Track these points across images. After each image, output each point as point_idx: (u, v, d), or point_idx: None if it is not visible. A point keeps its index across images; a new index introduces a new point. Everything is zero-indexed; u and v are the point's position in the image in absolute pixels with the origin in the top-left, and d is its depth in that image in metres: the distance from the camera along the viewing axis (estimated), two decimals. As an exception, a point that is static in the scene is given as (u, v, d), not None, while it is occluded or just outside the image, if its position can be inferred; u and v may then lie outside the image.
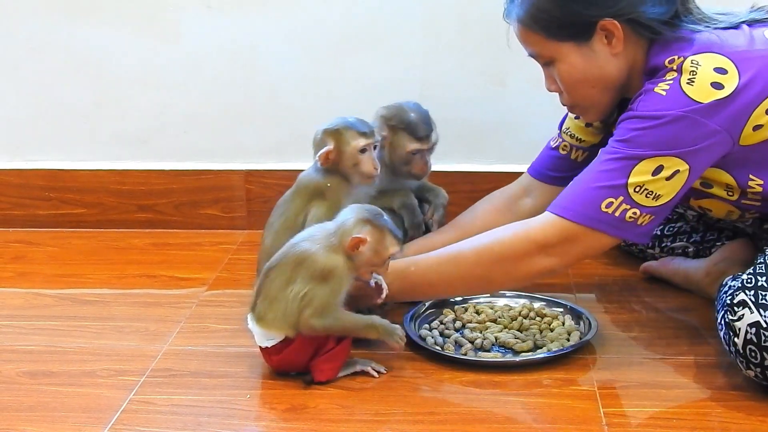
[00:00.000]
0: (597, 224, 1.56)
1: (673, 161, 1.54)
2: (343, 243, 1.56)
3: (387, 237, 1.57)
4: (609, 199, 1.55)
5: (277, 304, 1.56)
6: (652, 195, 1.55)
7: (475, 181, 2.30)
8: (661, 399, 1.55)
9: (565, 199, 1.60)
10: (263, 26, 2.33)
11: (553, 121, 2.29)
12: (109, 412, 1.53)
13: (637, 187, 1.54)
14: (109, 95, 2.39)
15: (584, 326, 1.77)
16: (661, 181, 1.55)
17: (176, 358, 1.72)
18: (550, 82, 1.71)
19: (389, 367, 1.65)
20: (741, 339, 1.49)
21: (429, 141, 1.90)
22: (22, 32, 2.37)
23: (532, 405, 1.54)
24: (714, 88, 1.53)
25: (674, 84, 1.55)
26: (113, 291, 2.06)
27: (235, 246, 2.31)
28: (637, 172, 1.54)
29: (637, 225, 1.57)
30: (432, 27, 2.30)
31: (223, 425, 1.50)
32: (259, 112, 2.38)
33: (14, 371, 1.68)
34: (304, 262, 1.56)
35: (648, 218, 1.57)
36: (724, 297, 1.55)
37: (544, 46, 1.65)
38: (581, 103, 1.71)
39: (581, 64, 1.63)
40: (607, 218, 1.56)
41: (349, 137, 1.78)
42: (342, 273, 1.56)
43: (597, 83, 1.65)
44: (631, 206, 1.55)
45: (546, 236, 1.59)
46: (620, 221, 1.56)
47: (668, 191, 1.56)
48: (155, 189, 2.42)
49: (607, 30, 1.60)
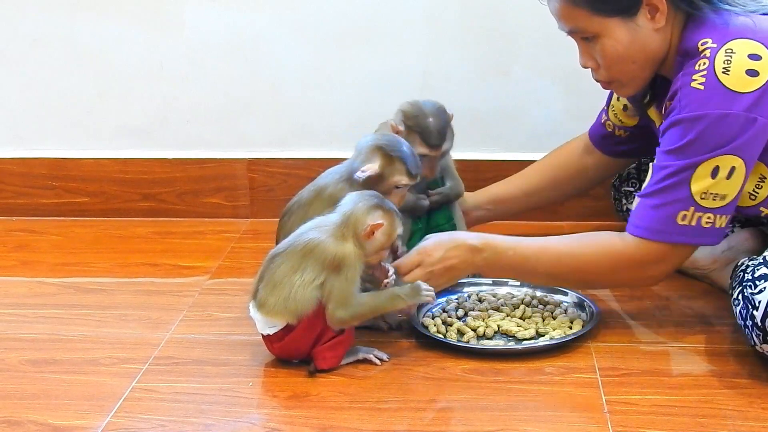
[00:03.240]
0: (680, 238, 1.60)
1: (727, 159, 1.55)
2: (358, 231, 1.56)
3: (395, 219, 1.59)
4: (682, 213, 1.58)
5: (280, 289, 1.56)
6: (718, 197, 1.57)
7: (479, 170, 2.30)
8: (663, 387, 1.55)
9: (641, 220, 1.62)
10: (266, 17, 2.33)
11: (556, 109, 2.30)
12: (112, 400, 1.53)
13: (702, 195, 1.56)
14: (113, 85, 2.39)
15: (587, 314, 1.77)
16: (722, 182, 1.56)
17: (179, 346, 1.72)
18: (587, 58, 1.69)
19: (392, 355, 1.65)
20: (761, 312, 1.49)
21: (438, 150, 1.91)
22: (25, 23, 2.37)
23: (534, 393, 1.54)
24: (750, 75, 1.53)
25: (709, 75, 1.55)
26: (116, 279, 2.07)
27: (238, 235, 2.31)
28: (697, 178, 1.56)
29: (715, 227, 1.59)
30: (434, 17, 2.30)
31: (226, 413, 1.50)
32: (262, 101, 2.38)
33: (17, 359, 1.69)
34: (314, 251, 1.56)
35: (723, 219, 1.59)
36: (741, 274, 1.57)
37: (589, 21, 1.62)
38: (619, 78, 1.69)
39: (626, 39, 1.62)
40: (686, 230, 1.59)
41: (398, 170, 1.71)
42: (353, 260, 1.56)
43: (638, 58, 1.64)
44: (703, 213, 1.58)
45: (637, 257, 1.62)
46: (699, 229, 1.59)
47: (731, 189, 1.57)
48: (158, 178, 2.42)
49: (652, 4, 1.60)
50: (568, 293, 1.84)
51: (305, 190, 1.78)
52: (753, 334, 1.52)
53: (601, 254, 1.66)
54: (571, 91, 2.27)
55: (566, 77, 2.26)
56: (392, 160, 1.70)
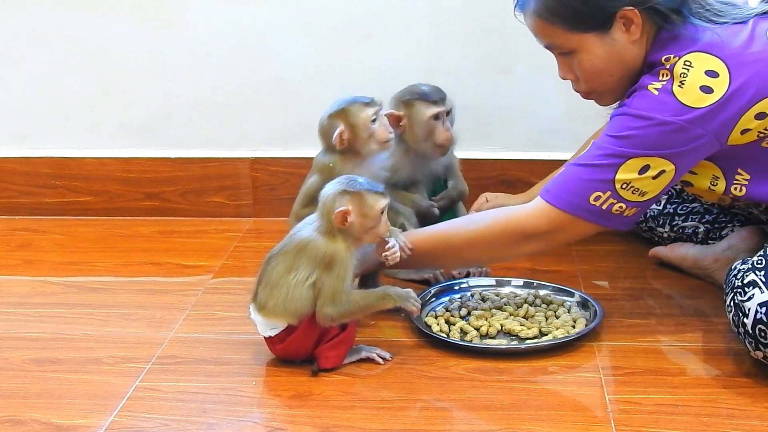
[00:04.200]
0: (585, 214, 1.62)
1: (660, 162, 1.57)
2: (331, 221, 1.56)
3: (367, 197, 1.57)
4: (597, 193, 1.60)
5: (278, 290, 1.57)
6: (638, 192, 1.59)
7: (481, 169, 2.30)
8: (666, 386, 1.55)
9: (556, 188, 1.65)
10: (269, 14, 2.33)
11: (558, 108, 2.29)
12: (115, 399, 1.53)
13: (624, 184, 1.59)
14: (116, 83, 2.39)
15: (590, 313, 1.77)
16: (647, 180, 1.58)
17: (182, 345, 1.72)
18: (565, 71, 1.71)
19: (395, 354, 1.65)
20: (750, 319, 1.49)
21: (445, 104, 1.92)
22: (28, 21, 2.37)
23: (537, 392, 1.54)
24: (703, 92, 1.54)
25: (666, 85, 1.57)
26: (119, 278, 2.07)
27: (241, 234, 2.31)
28: (625, 169, 1.58)
29: (623, 216, 1.62)
30: (437, 14, 2.30)
31: (229, 412, 1.50)
32: (265, 99, 2.38)
33: (21, 358, 1.69)
34: (305, 249, 1.57)
35: (633, 210, 1.62)
36: (733, 280, 1.56)
37: (566, 38, 1.64)
38: (598, 89, 1.71)
39: (603, 54, 1.63)
40: (594, 209, 1.61)
41: (357, 111, 1.79)
42: (344, 257, 1.56)
43: (615, 71, 1.65)
44: (617, 201, 1.60)
45: (536, 225, 1.65)
46: (607, 213, 1.61)
47: (653, 189, 1.60)
48: (161, 177, 2.42)
49: (627, 18, 1.60)
50: (574, 293, 1.84)
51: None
52: (745, 341, 1.52)
53: (496, 230, 1.69)
54: (572, 90, 2.26)
55: (569, 76, 2.25)
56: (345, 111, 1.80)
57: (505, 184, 2.33)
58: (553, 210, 1.63)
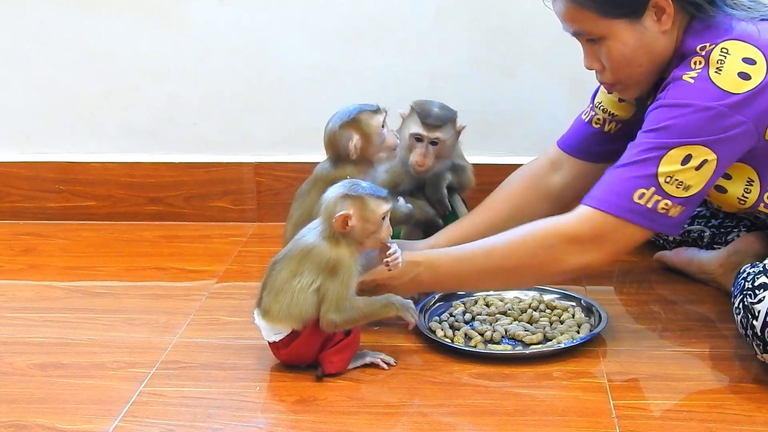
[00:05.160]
0: (630, 215, 1.55)
1: (701, 150, 1.53)
2: (333, 225, 1.56)
3: (369, 201, 1.57)
4: (641, 190, 1.54)
5: (283, 295, 1.56)
6: (682, 185, 1.54)
7: (485, 173, 2.28)
8: (672, 391, 1.55)
9: (597, 191, 1.59)
10: (273, 18, 2.33)
11: (563, 111, 2.28)
12: (120, 404, 1.53)
13: (667, 178, 1.54)
14: (119, 87, 2.39)
15: (595, 319, 1.76)
16: (691, 171, 1.54)
17: (186, 350, 1.72)
18: (592, 60, 1.67)
19: (399, 360, 1.65)
20: (760, 321, 1.48)
21: (432, 131, 1.90)
22: (31, 24, 2.37)
23: (542, 397, 1.54)
24: (741, 78, 1.53)
25: (702, 73, 1.55)
26: (123, 283, 2.07)
27: (245, 238, 2.31)
28: (667, 161, 1.54)
29: (669, 216, 1.56)
30: (442, 18, 2.29)
31: (233, 417, 1.50)
32: (269, 104, 2.38)
33: (25, 363, 1.69)
34: (309, 254, 1.56)
35: (679, 209, 1.56)
36: (742, 282, 1.55)
37: (596, 23, 1.61)
38: (625, 80, 1.68)
39: (633, 42, 1.61)
40: (639, 209, 1.55)
41: (368, 119, 1.77)
42: (349, 263, 1.56)
43: (645, 61, 1.63)
44: (662, 197, 1.54)
45: (578, 230, 1.57)
46: (653, 212, 1.55)
47: (697, 181, 1.55)
48: (165, 181, 2.42)
49: (659, 6, 1.59)
50: (580, 298, 1.84)
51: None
52: (753, 344, 1.51)
53: (537, 236, 1.60)
54: (578, 93, 2.25)
55: (573, 79, 2.25)
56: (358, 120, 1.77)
57: (509, 188, 2.33)
58: (597, 213, 1.56)
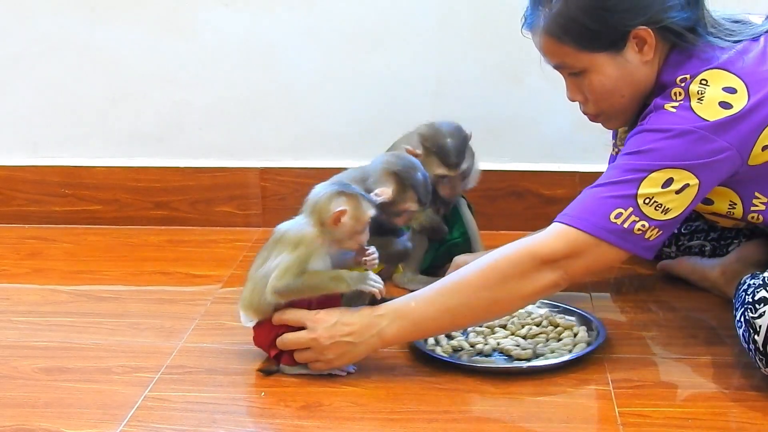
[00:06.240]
0: (605, 234, 1.52)
1: (683, 174, 1.53)
2: (323, 219, 1.57)
3: (362, 202, 1.59)
4: (618, 210, 1.52)
5: (248, 283, 1.62)
6: (661, 208, 1.53)
7: (491, 180, 2.29)
8: (677, 399, 1.55)
9: (573, 209, 1.56)
10: (279, 23, 2.33)
11: (569, 119, 2.28)
12: (124, 409, 1.53)
13: (646, 199, 1.52)
14: (126, 92, 2.40)
15: (595, 334, 1.73)
16: (671, 194, 1.53)
17: (191, 355, 1.72)
18: (574, 92, 1.67)
19: (404, 365, 1.64)
20: (762, 336, 1.47)
21: (457, 169, 1.93)
22: (39, 30, 2.37)
23: (547, 404, 1.54)
24: (722, 107, 1.52)
25: (684, 103, 1.54)
26: (128, 288, 2.07)
27: (250, 243, 2.31)
28: (647, 183, 1.52)
29: (645, 238, 1.54)
30: (447, 24, 2.30)
31: (238, 422, 1.50)
32: (275, 109, 2.39)
33: (30, 367, 1.69)
34: (280, 240, 1.60)
35: (656, 232, 1.54)
36: (743, 295, 1.54)
37: (576, 57, 1.61)
38: (607, 111, 1.68)
39: (615, 74, 1.60)
40: (616, 229, 1.52)
41: (409, 197, 1.81)
42: (311, 240, 1.57)
43: (627, 92, 1.63)
44: (640, 218, 1.52)
45: (552, 249, 1.54)
46: (628, 233, 1.52)
47: (677, 205, 1.54)
48: (171, 186, 2.42)
49: (640, 38, 1.58)
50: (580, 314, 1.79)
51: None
52: (756, 358, 1.51)
53: (510, 260, 1.55)
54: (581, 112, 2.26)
55: (579, 87, 2.25)
56: (405, 187, 1.80)
57: (515, 195, 2.33)
58: (571, 231, 1.53)
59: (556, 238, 1.55)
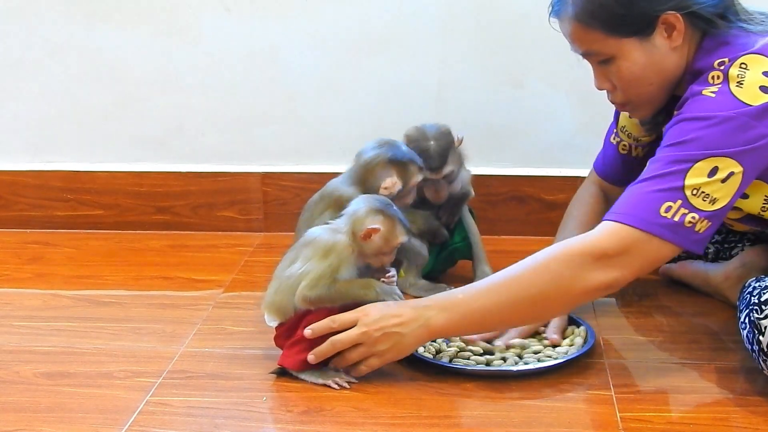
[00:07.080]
0: (657, 229, 1.49)
1: (727, 162, 1.50)
2: (356, 232, 1.59)
3: (397, 226, 1.61)
4: (668, 203, 1.49)
5: (272, 282, 1.62)
6: (708, 198, 1.50)
7: (492, 185, 2.30)
8: (679, 404, 1.55)
9: (620, 206, 1.53)
10: (281, 29, 2.33)
11: (571, 123, 2.29)
12: (126, 414, 1.53)
13: (694, 190, 1.50)
14: (128, 97, 2.40)
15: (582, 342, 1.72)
16: (717, 184, 1.50)
17: (193, 359, 1.72)
18: (602, 81, 1.66)
19: (405, 370, 1.64)
20: (766, 337, 1.48)
21: (439, 172, 1.94)
22: (41, 35, 2.38)
23: (548, 409, 1.54)
24: (762, 92, 1.51)
25: (723, 88, 1.53)
26: (130, 292, 2.07)
27: (252, 248, 2.31)
28: (693, 173, 1.50)
29: (695, 231, 1.50)
30: (449, 29, 2.30)
31: (240, 427, 1.50)
32: (277, 114, 2.39)
33: (32, 372, 1.69)
34: (310, 244, 1.61)
35: (705, 224, 1.51)
36: (748, 297, 1.54)
37: (604, 43, 1.60)
38: (635, 99, 1.66)
39: (643, 60, 1.59)
40: (667, 223, 1.49)
41: (415, 172, 1.88)
42: (342, 249, 1.59)
43: (655, 79, 1.62)
44: (689, 210, 1.50)
45: (603, 246, 1.51)
46: (679, 226, 1.49)
47: (724, 195, 1.51)
48: (172, 191, 2.42)
49: (669, 23, 1.57)
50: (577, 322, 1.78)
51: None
52: (759, 359, 1.51)
53: (561, 257, 1.53)
54: (586, 104, 2.27)
55: (580, 90, 2.25)
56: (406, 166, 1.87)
57: (516, 200, 2.33)
58: (623, 228, 1.50)
59: (607, 236, 1.52)
